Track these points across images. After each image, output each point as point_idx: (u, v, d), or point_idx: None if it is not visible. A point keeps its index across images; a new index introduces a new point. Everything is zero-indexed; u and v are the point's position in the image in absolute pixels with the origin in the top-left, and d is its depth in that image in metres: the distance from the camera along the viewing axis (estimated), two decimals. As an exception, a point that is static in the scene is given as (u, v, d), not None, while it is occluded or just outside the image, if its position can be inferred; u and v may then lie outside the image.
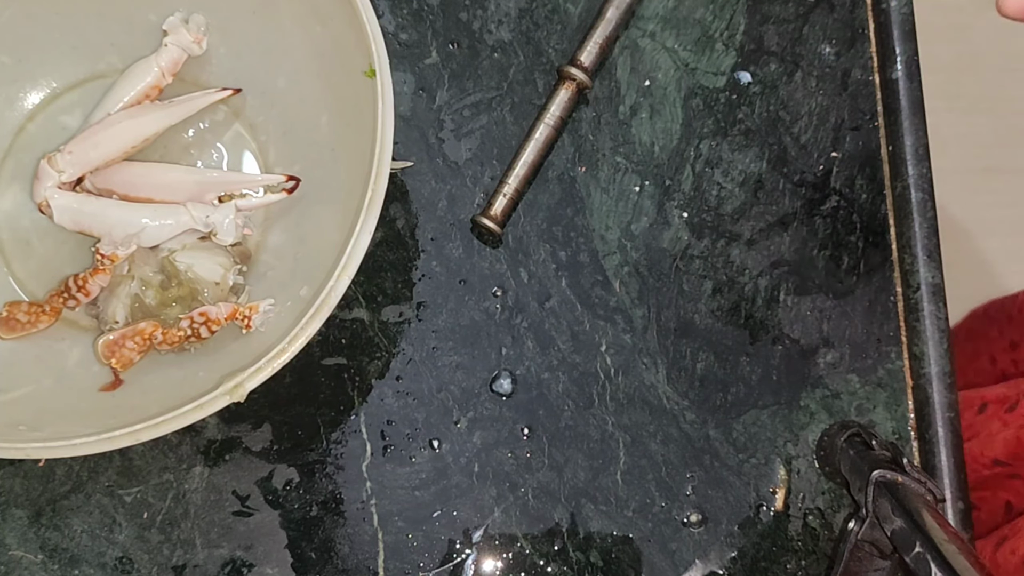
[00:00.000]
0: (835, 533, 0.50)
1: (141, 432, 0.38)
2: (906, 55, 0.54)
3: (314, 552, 0.48)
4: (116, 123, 0.45)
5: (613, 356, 0.51)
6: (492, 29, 0.54)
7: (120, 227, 0.45)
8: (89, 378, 0.45)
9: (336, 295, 0.40)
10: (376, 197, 0.41)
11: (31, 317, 0.45)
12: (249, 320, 0.45)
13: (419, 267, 0.51)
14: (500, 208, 0.50)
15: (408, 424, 0.49)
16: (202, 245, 0.47)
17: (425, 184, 0.52)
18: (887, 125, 0.54)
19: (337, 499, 0.49)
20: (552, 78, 0.53)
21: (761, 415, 0.51)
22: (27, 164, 0.47)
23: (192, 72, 0.49)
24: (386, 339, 0.50)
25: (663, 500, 0.50)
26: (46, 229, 0.47)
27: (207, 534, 0.48)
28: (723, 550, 0.49)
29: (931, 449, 0.51)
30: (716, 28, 0.54)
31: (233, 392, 0.39)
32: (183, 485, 0.48)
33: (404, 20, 0.53)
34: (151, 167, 0.47)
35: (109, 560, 0.47)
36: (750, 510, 0.50)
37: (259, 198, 0.47)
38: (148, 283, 0.46)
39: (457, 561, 0.49)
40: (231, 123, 0.50)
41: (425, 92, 0.53)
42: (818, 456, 0.51)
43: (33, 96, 0.49)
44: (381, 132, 0.41)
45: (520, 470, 0.50)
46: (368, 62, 0.42)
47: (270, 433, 0.49)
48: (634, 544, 0.49)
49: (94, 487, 0.48)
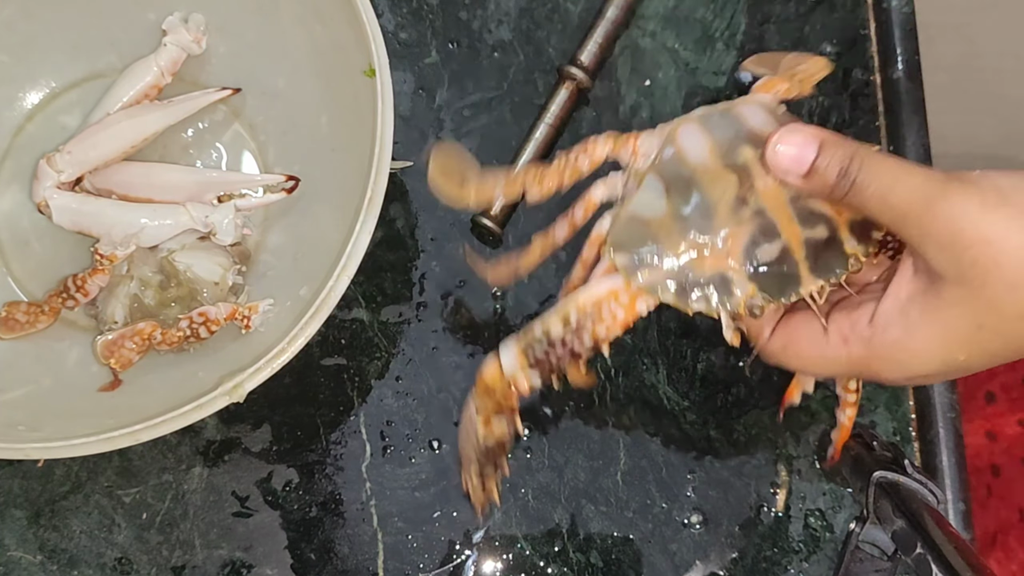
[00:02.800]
0: (836, 534, 0.50)
1: (140, 432, 0.38)
2: (906, 55, 0.54)
3: (314, 553, 0.48)
4: (115, 123, 0.45)
5: (613, 356, 0.51)
6: (492, 29, 0.53)
7: (119, 227, 0.45)
8: (88, 378, 0.45)
9: (336, 295, 0.40)
10: (376, 197, 0.41)
11: (30, 317, 0.45)
12: (248, 320, 0.45)
13: (419, 267, 0.51)
14: (499, 208, 0.50)
15: (408, 424, 0.49)
16: (201, 245, 0.47)
17: (425, 184, 0.51)
18: (887, 125, 0.54)
19: (337, 500, 0.48)
20: (552, 78, 0.53)
21: (762, 416, 0.51)
22: (26, 164, 0.47)
23: (192, 72, 0.49)
24: (386, 339, 0.50)
25: (663, 501, 0.50)
26: (45, 229, 0.47)
27: (206, 535, 0.48)
28: (724, 551, 0.49)
29: (932, 450, 0.51)
30: (717, 28, 0.54)
31: (232, 392, 0.39)
32: (182, 486, 0.48)
33: (404, 20, 0.53)
34: (150, 167, 0.47)
35: (108, 561, 0.47)
36: (751, 511, 0.50)
37: (259, 198, 0.47)
38: (147, 283, 0.46)
39: (457, 562, 0.48)
40: (230, 123, 0.50)
41: (425, 92, 0.53)
42: (819, 456, 0.51)
43: (32, 96, 0.48)
44: (381, 132, 0.41)
45: (520, 470, 0.49)
46: (368, 62, 0.42)
47: (270, 433, 0.49)
48: (634, 545, 0.49)
49: (93, 487, 0.48)
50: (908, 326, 0.33)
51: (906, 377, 0.34)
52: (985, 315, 0.31)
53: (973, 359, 0.32)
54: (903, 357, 0.33)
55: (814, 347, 0.36)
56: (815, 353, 0.36)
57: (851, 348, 0.35)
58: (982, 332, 0.31)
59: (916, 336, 0.33)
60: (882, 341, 0.34)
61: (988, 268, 0.30)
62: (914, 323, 0.33)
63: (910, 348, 0.33)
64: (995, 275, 0.30)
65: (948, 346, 0.32)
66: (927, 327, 0.32)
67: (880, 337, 0.34)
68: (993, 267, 0.30)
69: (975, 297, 0.31)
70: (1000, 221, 0.30)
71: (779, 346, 0.37)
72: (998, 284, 0.30)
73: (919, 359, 0.33)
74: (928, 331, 0.32)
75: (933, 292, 0.32)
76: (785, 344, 0.37)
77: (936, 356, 0.33)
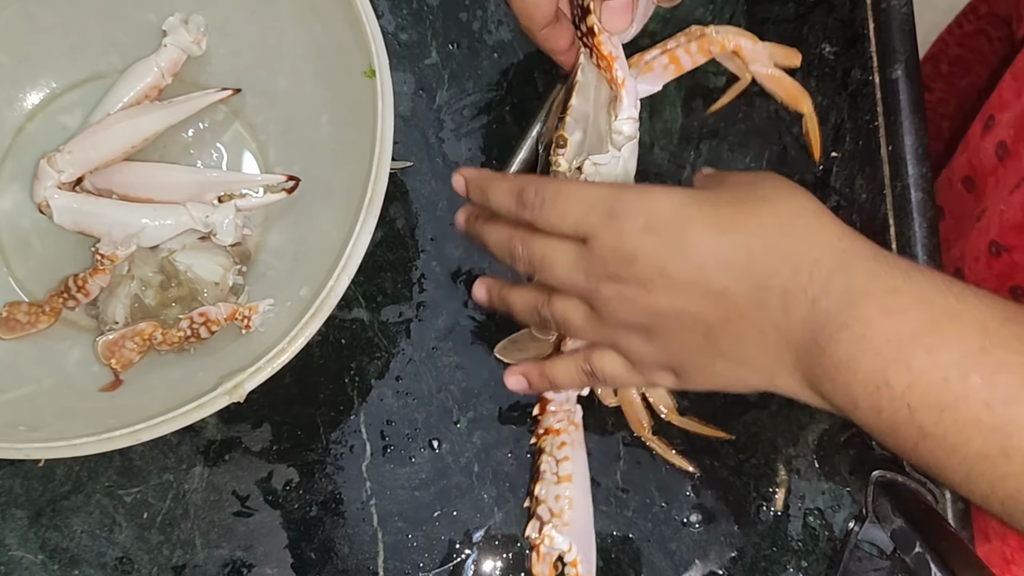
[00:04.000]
0: (835, 533, 0.50)
1: (141, 432, 0.38)
2: (906, 55, 0.54)
3: (314, 552, 0.48)
4: (116, 123, 0.45)
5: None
6: (492, 29, 0.54)
7: (120, 227, 0.45)
8: (89, 378, 0.45)
9: (336, 295, 0.40)
10: (376, 197, 0.41)
11: (31, 317, 0.45)
12: (249, 320, 0.45)
13: (419, 267, 0.51)
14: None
15: (408, 424, 0.49)
16: (202, 245, 0.47)
17: (425, 184, 0.52)
18: (887, 125, 0.54)
19: (337, 499, 0.49)
20: (552, 78, 0.53)
21: (761, 415, 0.51)
22: (27, 164, 0.47)
23: (192, 72, 0.49)
24: (386, 339, 0.50)
25: (663, 500, 0.50)
26: (46, 229, 0.47)
27: (207, 534, 0.48)
28: (723, 550, 0.49)
29: (931, 449, 0.51)
30: (716, 28, 0.54)
31: (233, 392, 0.39)
32: (183, 485, 0.48)
33: (404, 20, 0.53)
34: (151, 167, 0.47)
35: (109, 560, 0.47)
36: (750, 510, 0.50)
37: (259, 198, 0.47)
38: (148, 283, 0.46)
39: (457, 561, 0.49)
40: (231, 123, 0.50)
41: (425, 92, 0.53)
42: (818, 456, 0.51)
43: (33, 96, 0.49)
44: (381, 132, 0.41)
45: (520, 470, 0.49)
46: (368, 62, 0.42)
47: (270, 433, 0.49)
48: (634, 544, 0.49)
49: (94, 487, 0.48)
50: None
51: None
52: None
53: None
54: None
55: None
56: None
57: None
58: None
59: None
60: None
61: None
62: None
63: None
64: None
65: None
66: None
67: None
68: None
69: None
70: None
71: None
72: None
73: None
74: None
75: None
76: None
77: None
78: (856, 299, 0.33)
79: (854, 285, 0.34)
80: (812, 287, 0.34)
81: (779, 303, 0.35)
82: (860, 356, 0.33)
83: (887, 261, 0.34)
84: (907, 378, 0.32)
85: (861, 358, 0.33)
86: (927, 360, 0.32)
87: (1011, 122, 0.54)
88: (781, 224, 0.35)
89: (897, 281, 0.33)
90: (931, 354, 0.32)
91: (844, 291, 0.33)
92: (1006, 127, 0.55)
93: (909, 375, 0.32)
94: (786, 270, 0.34)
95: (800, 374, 0.36)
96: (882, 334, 0.33)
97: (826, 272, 0.34)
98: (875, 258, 0.34)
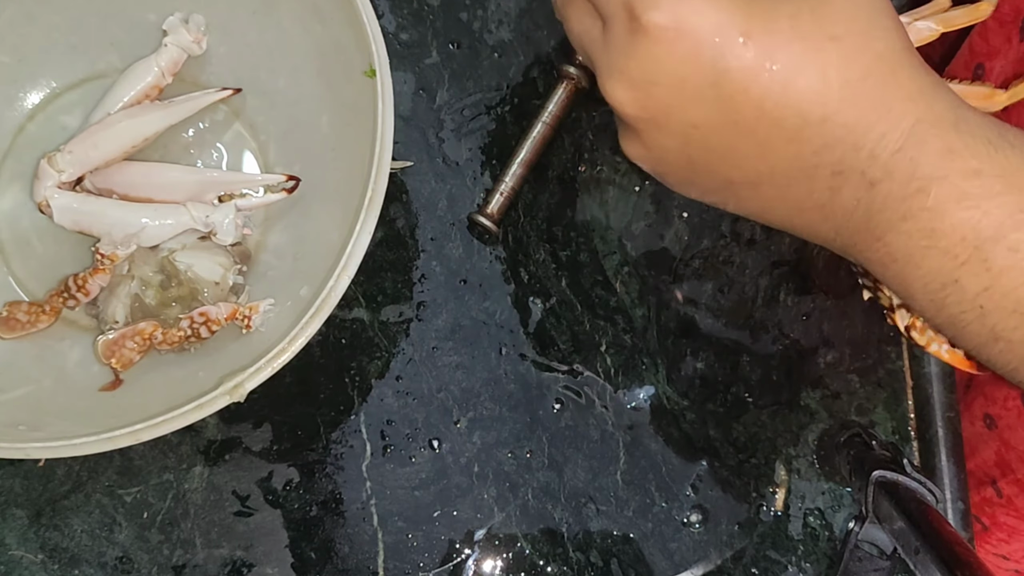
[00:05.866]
0: (835, 533, 0.50)
1: (141, 432, 0.38)
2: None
3: (314, 552, 0.48)
4: (116, 123, 0.45)
5: (613, 356, 0.51)
6: (492, 29, 0.54)
7: (120, 227, 0.45)
8: (89, 378, 0.45)
9: (336, 295, 0.40)
10: (376, 197, 0.41)
11: (31, 317, 0.45)
12: (249, 320, 0.45)
13: (419, 267, 0.51)
14: (496, 206, 0.50)
15: (408, 424, 0.49)
16: (202, 245, 0.47)
17: (425, 184, 0.52)
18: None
19: (337, 499, 0.49)
20: (552, 78, 0.53)
21: (761, 415, 0.51)
22: (27, 164, 0.47)
23: (192, 72, 0.49)
24: (386, 339, 0.50)
25: (663, 500, 0.50)
26: (46, 229, 0.47)
27: (207, 534, 0.48)
28: (723, 550, 0.49)
29: (931, 449, 0.51)
30: (716, 28, 0.54)
31: (233, 392, 0.39)
32: (183, 485, 0.48)
33: (404, 20, 0.53)
34: (151, 167, 0.47)
35: (109, 560, 0.47)
36: (750, 510, 0.50)
37: (259, 198, 0.47)
38: (148, 283, 0.46)
39: (457, 561, 0.49)
40: (231, 123, 0.50)
41: (425, 92, 0.53)
42: (818, 456, 0.51)
43: (33, 96, 0.49)
44: (381, 132, 0.41)
45: (520, 470, 0.50)
46: (368, 62, 0.42)
47: (270, 433, 0.49)
48: (634, 544, 0.49)
49: (94, 487, 0.48)
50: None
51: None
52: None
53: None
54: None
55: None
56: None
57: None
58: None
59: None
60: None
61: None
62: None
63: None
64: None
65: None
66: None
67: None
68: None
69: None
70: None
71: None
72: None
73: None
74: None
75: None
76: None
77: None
78: (926, 184, 0.28)
79: (925, 167, 0.28)
80: (873, 169, 0.28)
81: (827, 183, 0.29)
82: (926, 252, 0.28)
83: (969, 129, 0.28)
84: (984, 280, 0.28)
85: (927, 254, 0.28)
86: (1010, 259, 0.27)
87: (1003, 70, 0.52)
88: (847, 84, 0.28)
89: (979, 159, 0.28)
90: (1016, 253, 0.27)
91: (912, 174, 0.28)
92: (998, 75, 0.52)
93: (987, 277, 0.28)
94: (843, 146, 0.29)
95: (839, 247, 0.31)
96: (956, 230, 0.28)
97: (892, 150, 0.28)
98: (955, 127, 0.28)
